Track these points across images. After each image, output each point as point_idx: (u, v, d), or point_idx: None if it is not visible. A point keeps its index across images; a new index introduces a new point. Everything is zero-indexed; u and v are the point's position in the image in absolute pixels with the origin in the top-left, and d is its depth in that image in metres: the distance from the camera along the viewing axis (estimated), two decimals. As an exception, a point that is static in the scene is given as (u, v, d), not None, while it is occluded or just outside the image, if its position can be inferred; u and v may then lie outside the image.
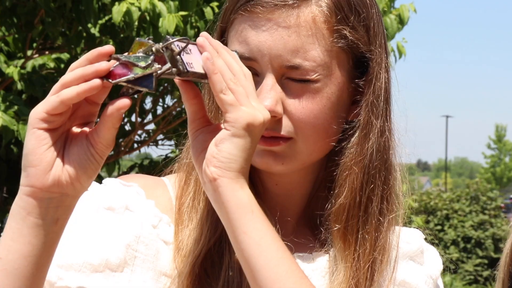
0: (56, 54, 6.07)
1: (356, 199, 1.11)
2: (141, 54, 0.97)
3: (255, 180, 1.09)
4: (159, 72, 0.97)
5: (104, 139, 0.96)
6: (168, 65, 0.97)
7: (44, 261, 0.95)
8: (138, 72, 0.95)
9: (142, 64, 0.96)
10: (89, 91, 0.93)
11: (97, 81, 0.93)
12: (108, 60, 0.96)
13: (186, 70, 0.99)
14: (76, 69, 0.94)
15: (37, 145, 0.93)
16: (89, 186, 1.09)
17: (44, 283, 1.00)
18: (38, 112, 0.92)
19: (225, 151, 0.99)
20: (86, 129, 0.98)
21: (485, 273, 14.82)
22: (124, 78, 0.95)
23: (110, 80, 0.95)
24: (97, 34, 5.45)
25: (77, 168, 0.96)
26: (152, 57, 0.97)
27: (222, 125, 1.02)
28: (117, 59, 0.95)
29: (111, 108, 0.95)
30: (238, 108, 1.00)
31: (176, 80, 1.03)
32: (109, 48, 0.95)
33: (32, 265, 0.94)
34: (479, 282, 14.63)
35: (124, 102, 0.95)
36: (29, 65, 5.69)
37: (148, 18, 5.06)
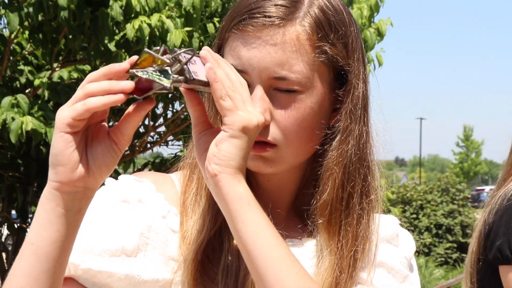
0: (78, 66, 6.06)
1: (338, 195, 1.12)
2: (156, 67, 0.95)
3: (250, 177, 1.10)
4: (174, 79, 0.96)
5: (127, 136, 0.97)
6: (176, 74, 0.97)
7: (68, 245, 0.96)
8: (157, 87, 0.94)
9: (161, 78, 0.94)
10: (114, 103, 0.93)
11: (121, 96, 0.93)
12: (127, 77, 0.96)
13: (192, 78, 0.99)
14: (103, 82, 0.93)
15: (64, 147, 0.93)
16: (107, 178, 1.12)
17: (69, 265, 1.02)
18: (65, 117, 0.92)
19: (224, 150, 1.00)
20: (106, 126, 0.99)
21: (454, 256, 14.81)
22: (151, 92, 0.95)
23: (137, 96, 0.94)
24: (113, 48, 5.42)
25: (101, 164, 0.96)
26: (169, 70, 0.95)
27: (221, 128, 1.02)
28: (135, 76, 0.95)
29: (139, 108, 0.96)
30: (235, 112, 1.00)
31: (181, 89, 1.03)
32: (125, 65, 0.95)
33: (59, 249, 0.95)
34: (449, 263, 14.62)
35: (152, 103, 0.96)
36: (55, 76, 5.68)
37: (157, 33, 5.04)
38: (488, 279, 1.85)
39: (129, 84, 0.94)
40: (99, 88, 0.93)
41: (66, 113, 0.93)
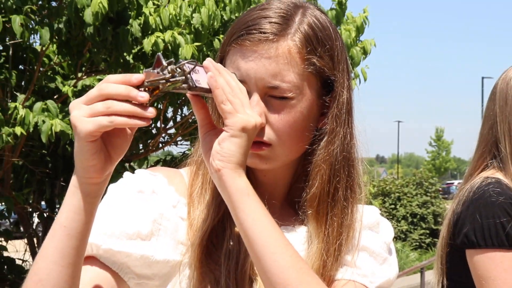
0: (100, 76, 6.06)
1: (325, 189, 1.11)
2: (160, 72, 0.94)
3: (249, 172, 1.09)
4: (171, 80, 0.94)
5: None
6: (180, 82, 0.96)
7: (91, 225, 0.97)
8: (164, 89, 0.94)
9: (169, 88, 0.94)
10: (136, 126, 0.93)
11: (144, 123, 0.93)
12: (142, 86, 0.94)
13: (194, 86, 0.98)
14: (127, 105, 0.91)
15: (90, 154, 0.92)
16: (126, 172, 1.14)
17: (92, 246, 1.02)
18: (90, 130, 0.90)
19: (226, 148, 1.00)
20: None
21: (427, 240, 14.81)
22: (161, 94, 0.95)
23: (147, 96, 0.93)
24: (131, 61, 5.44)
25: (119, 151, 0.96)
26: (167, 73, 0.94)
27: (223, 128, 1.02)
28: (149, 82, 0.93)
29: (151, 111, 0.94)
30: (235, 115, 1.00)
31: (188, 94, 1.03)
32: (140, 78, 0.94)
33: (86, 229, 0.95)
34: (422, 247, 14.62)
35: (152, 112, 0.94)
36: (79, 84, 5.68)
37: (170, 48, 5.03)
38: (456, 262, 1.84)
39: (149, 114, 0.93)
40: (124, 109, 0.91)
41: (89, 125, 0.90)
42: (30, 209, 6.76)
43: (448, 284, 1.90)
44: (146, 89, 0.94)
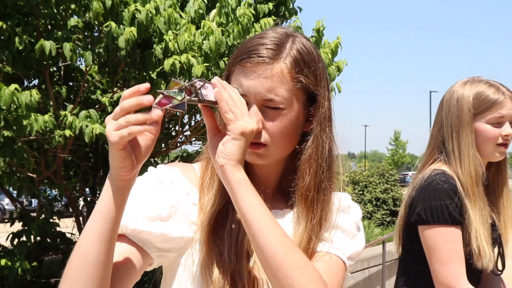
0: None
1: (312, 181, 1.09)
2: (177, 90, 0.95)
3: (248, 166, 1.08)
4: (186, 99, 0.95)
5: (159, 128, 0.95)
6: (193, 96, 0.96)
7: (123, 211, 0.95)
8: (175, 102, 0.94)
9: (179, 97, 0.94)
10: (148, 131, 0.92)
11: (153, 127, 0.92)
12: (157, 95, 0.94)
13: (203, 99, 0.98)
14: (139, 115, 0.90)
15: (121, 158, 0.91)
16: (150, 167, 1.12)
17: (121, 227, 1.01)
18: (117, 141, 0.89)
19: (228, 148, 0.98)
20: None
21: (388, 219, 14.80)
22: (167, 106, 0.93)
23: (159, 107, 0.92)
24: (155, 77, 5.44)
25: (146, 153, 0.95)
26: (184, 92, 0.95)
27: (227, 133, 1.00)
28: (162, 94, 0.93)
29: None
30: (235, 122, 0.98)
31: (199, 105, 1.01)
32: (146, 85, 0.92)
33: (119, 214, 0.94)
34: (384, 224, 14.61)
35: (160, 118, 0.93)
36: (115, 96, 5.67)
37: (185, 67, 5.04)
38: (411, 235, 1.85)
39: (155, 116, 0.91)
40: (138, 120, 0.90)
41: (116, 138, 0.89)
42: (77, 194, 6.79)
43: (404, 252, 1.91)
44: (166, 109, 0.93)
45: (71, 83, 6.11)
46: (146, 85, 0.92)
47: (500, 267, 1.87)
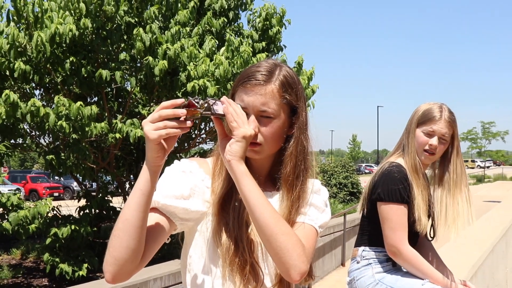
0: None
1: (293, 170, 1.07)
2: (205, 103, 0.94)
3: (247, 160, 1.06)
4: (204, 113, 0.94)
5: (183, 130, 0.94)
6: (207, 110, 0.94)
7: (154, 188, 0.95)
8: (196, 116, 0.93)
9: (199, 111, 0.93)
10: (180, 133, 0.91)
11: (184, 131, 0.91)
12: (187, 105, 0.92)
13: (215, 112, 0.97)
14: (174, 123, 0.90)
15: (156, 151, 0.90)
16: (176, 161, 1.09)
17: (154, 202, 0.99)
18: (156, 138, 0.89)
19: (233, 148, 0.97)
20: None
21: (348, 198, 14.78)
22: (198, 115, 0.93)
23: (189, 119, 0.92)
24: (180, 96, 5.43)
25: (170, 148, 0.94)
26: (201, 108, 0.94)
27: (232, 137, 0.98)
28: (192, 103, 0.93)
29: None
30: (238, 129, 0.97)
31: (212, 117, 1.00)
32: (181, 100, 0.92)
33: (152, 191, 0.93)
34: (345, 202, 14.58)
35: (187, 128, 0.92)
36: (151, 109, 5.66)
37: (202, 89, 5.04)
38: (371, 208, 1.85)
39: (188, 125, 0.91)
40: (173, 125, 0.89)
41: (155, 136, 0.89)
42: (124, 180, 6.74)
43: (365, 219, 1.90)
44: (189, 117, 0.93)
45: (120, 100, 6.08)
46: (182, 100, 0.91)
47: (432, 235, 1.87)
